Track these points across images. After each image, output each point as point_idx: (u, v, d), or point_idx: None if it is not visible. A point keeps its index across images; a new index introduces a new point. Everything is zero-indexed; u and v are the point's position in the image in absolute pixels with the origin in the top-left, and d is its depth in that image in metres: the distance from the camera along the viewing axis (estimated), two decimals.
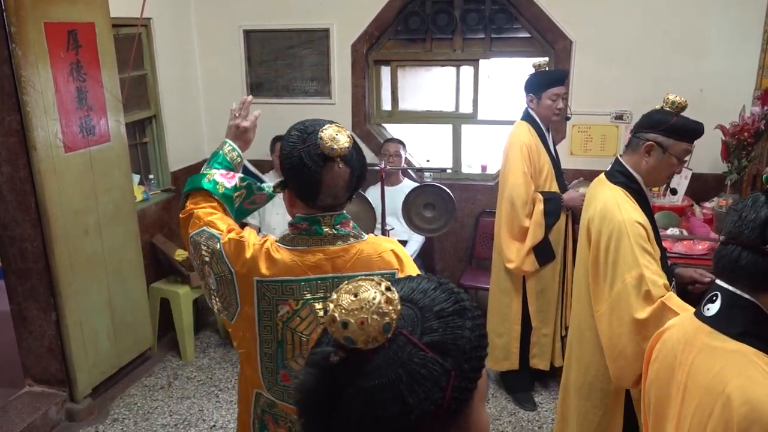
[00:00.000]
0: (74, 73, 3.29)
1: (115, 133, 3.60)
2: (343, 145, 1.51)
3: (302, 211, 1.64)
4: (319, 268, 1.61)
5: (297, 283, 1.60)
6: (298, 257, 1.61)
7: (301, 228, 1.65)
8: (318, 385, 0.74)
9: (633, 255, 2.04)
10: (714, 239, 3.31)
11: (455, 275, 4.44)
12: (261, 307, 1.61)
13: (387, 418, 0.69)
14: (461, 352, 0.73)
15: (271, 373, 1.66)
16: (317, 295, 1.61)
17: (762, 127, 3.49)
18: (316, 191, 1.57)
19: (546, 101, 3.32)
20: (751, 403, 1.13)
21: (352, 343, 0.70)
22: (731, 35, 3.78)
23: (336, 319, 0.71)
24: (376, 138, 4.53)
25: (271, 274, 1.59)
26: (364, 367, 0.71)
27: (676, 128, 2.18)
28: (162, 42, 4.26)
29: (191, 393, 3.78)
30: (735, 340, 1.24)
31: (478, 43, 4.34)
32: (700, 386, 1.25)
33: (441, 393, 0.70)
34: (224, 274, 1.63)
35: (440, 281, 0.80)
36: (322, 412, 0.74)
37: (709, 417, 1.20)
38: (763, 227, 1.22)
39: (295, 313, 1.61)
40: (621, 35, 3.95)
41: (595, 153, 4.12)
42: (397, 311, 0.71)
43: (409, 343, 0.72)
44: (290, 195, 1.65)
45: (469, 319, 0.75)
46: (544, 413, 3.52)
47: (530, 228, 3.30)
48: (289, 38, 4.56)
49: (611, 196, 2.20)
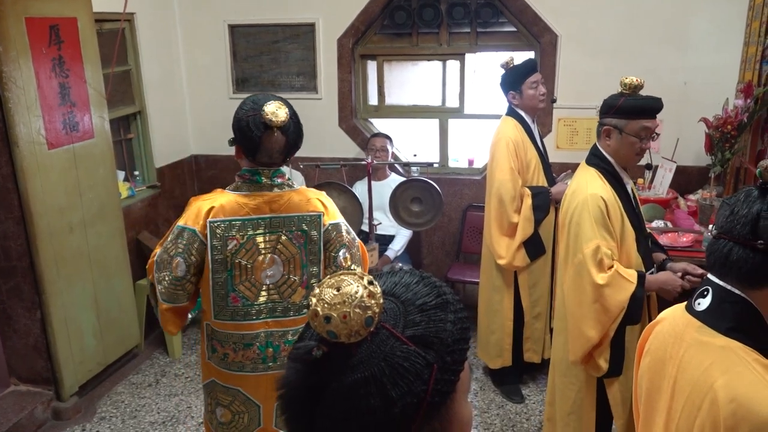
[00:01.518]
0: (57, 68, 3.25)
1: (99, 130, 3.57)
2: (281, 118, 1.97)
3: (246, 164, 2.08)
4: (259, 210, 2.03)
5: (242, 221, 2.02)
6: (243, 201, 2.03)
7: (245, 178, 2.08)
8: (301, 379, 0.74)
9: (592, 228, 2.23)
10: (698, 231, 3.34)
11: (443, 269, 4.45)
12: (213, 243, 2.00)
13: (370, 411, 0.69)
14: (444, 345, 0.73)
15: (222, 298, 2.05)
16: (258, 231, 2.04)
17: (745, 120, 3.52)
18: (255, 150, 2.01)
19: (528, 92, 3.33)
20: (737, 401, 1.14)
21: (335, 337, 0.71)
22: (715, 29, 3.81)
23: (318, 313, 0.71)
24: (363, 133, 4.52)
25: (221, 215, 2.00)
26: (347, 361, 0.71)
27: (626, 109, 2.30)
28: (146, 37, 4.22)
29: (179, 390, 3.77)
30: (724, 336, 1.24)
31: (464, 38, 4.34)
32: (689, 381, 1.26)
33: (424, 386, 0.70)
34: (194, 244, 2.00)
35: (423, 275, 0.80)
36: (305, 407, 0.74)
37: (698, 412, 1.21)
38: (754, 222, 1.22)
39: (241, 246, 2.02)
40: (606, 29, 3.97)
41: (582, 146, 4.14)
42: (379, 305, 0.72)
43: (391, 337, 0.72)
44: (238, 150, 2.08)
45: (451, 312, 0.76)
46: (532, 405, 3.54)
47: (519, 223, 3.31)
48: (274, 33, 4.54)
49: (584, 176, 2.37)
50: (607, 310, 2.25)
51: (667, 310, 1.48)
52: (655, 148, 3.85)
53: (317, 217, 2.09)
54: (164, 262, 2.04)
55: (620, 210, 2.29)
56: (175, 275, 2.02)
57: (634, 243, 2.32)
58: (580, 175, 2.42)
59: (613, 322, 2.27)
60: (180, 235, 2.02)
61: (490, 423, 3.41)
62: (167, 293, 2.05)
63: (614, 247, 2.26)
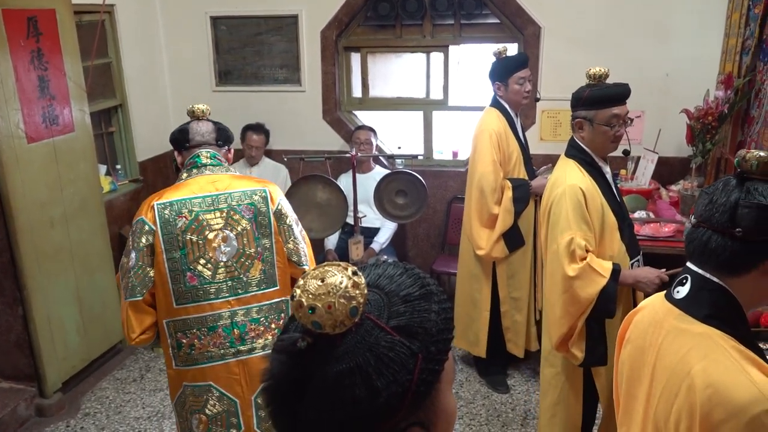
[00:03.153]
0: (35, 61, 3.20)
1: (80, 123, 3.52)
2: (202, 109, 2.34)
3: (183, 156, 2.26)
4: (203, 189, 2.13)
5: (188, 200, 2.11)
6: (187, 183, 2.15)
7: (187, 167, 2.21)
8: (286, 371, 0.73)
9: (567, 219, 2.25)
10: (680, 221, 3.38)
11: (428, 261, 4.46)
12: (161, 224, 2.07)
13: (356, 401, 0.69)
14: (428, 334, 0.73)
15: (178, 279, 2.08)
16: (204, 208, 2.11)
17: (725, 111, 3.55)
18: (187, 134, 2.26)
19: (514, 86, 3.34)
20: (714, 386, 1.15)
21: (320, 327, 0.70)
22: (695, 21, 3.84)
23: (303, 304, 0.71)
24: (347, 125, 4.51)
25: (165, 198, 2.10)
26: (332, 351, 0.71)
27: (592, 99, 2.33)
28: (126, 29, 4.17)
29: (164, 385, 3.75)
30: (702, 323, 1.25)
31: (448, 29, 4.33)
32: (667, 367, 1.27)
33: (409, 375, 0.71)
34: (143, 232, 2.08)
35: (406, 267, 0.81)
36: (289, 399, 0.74)
37: (675, 398, 1.22)
38: (732, 211, 1.23)
39: (190, 222, 2.09)
40: (589, 21, 3.98)
41: (565, 138, 4.09)
42: (363, 295, 0.72)
43: (376, 328, 0.72)
44: (178, 155, 2.29)
45: (435, 303, 0.76)
46: (517, 395, 3.57)
47: (499, 215, 3.33)
48: (257, 25, 4.50)
49: (563, 168, 2.39)
50: (576, 301, 2.27)
51: (647, 299, 1.49)
52: (637, 139, 3.89)
53: (264, 191, 2.18)
54: (123, 265, 2.12)
55: (600, 199, 2.30)
56: (128, 266, 2.08)
57: (616, 231, 2.34)
58: (560, 167, 2.45)
59: (582, 315, 2.28)
60: (133, 232, 2.10)
61: (476, 413, 3.43)
62: (125, 288, 2.09)
63: (591, 238, 2.27)
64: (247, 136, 4.39)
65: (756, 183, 1.24)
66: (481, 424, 3.34)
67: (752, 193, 1.22)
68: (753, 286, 1.26)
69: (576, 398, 2.52)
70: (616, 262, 2.31)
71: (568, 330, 2.32)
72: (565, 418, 2.56)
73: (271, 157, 4.54)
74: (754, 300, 1.30)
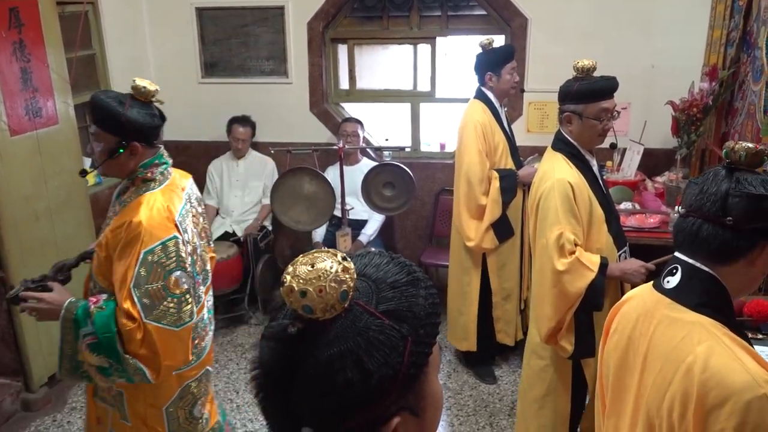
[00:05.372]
0: (17, 52, 3.16)
1: (64, 116, 3.49)
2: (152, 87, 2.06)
3: (148, 154, 1.98)
4: (179, 193, 2.02)
5: (183, 207, 1.99)
6: (172, 188, 1.99)
7: (153, 168, 1.97)
8: (276, 358, 0.74)
9: (556, 214, 2.26)
10: (665, 212, 3.41)
11: (416, 253, 4.47)
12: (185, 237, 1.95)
13: (348, 384, 0.70)
14: (416, 318, 0.75)
15: (196, 288, 1.99)
16: (188, 212, 2.03)
17: (710, 103, 3.58)
18: (158, 130, 2.01)
19: (506, 76, 3.36)
20: (708, 372, 1.18)
21: (311, 311, 0.71)
22: (680, 13, 3.86)
23: (294, 288, 0.71)
24: (334, 117, 4.50)
25: (175, 211, 1.94)
26: (323, 336, 0.72)
27: (581, 93, 2.32)
28: (110, 20, 4.12)
29: None
30: (694, 312, 1.27)
31: (435, 21, 4.33)
32: (660, 356, 1.29)
33: (399, 358, 0.72)
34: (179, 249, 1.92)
35: (392, 256, 0.82)
36: (281, 386, 0.74)
37: (669, 385, 1.24)
38: (723, 200, 1.25)
39: (190, 231, 2.00)
40: (575, 12, 3.99)
41: (552, 130, 4.12)
42: (353, 279, 0.73)
43: (365, 313, 0.73)
44: (134, 148, 1.93)
45: (422, 288, 0.78)
46: (505, 386, 3.60)
47: (488, 205, 3.34)
48: (242, 16, 4.46)
49: (551, 161, 2.39)
50: (565, 295, 2.28)
51: (634, 290, 1.51)
52: (623, 131, 3.92)
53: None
54: (156, 295, 1.83)
55: (588, 193, 2.32)
56: (184, 289, 1.88)
57: (604, 224, 2.35)
58: (547, 160, 2.45)
59: (571, 308, 2.30)
60: (168, 254, 1.86)
61: (464, 404, 3.45)
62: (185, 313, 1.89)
63: (580, 231, 2.29)
64: (234, 129, 4.36)
65: (744, 173, 1.28)
66: (469, 414, 3.37)
67: (742, 183, 1.25)
68: (741, 275, 1.29)
69: (565, 389, 2.54)
70: (604, 254, 2.33)
71: (556, 323, 2.34)
72: (554, 409, 2.57)
73: (257, 150, 4.52)
74: (742, 288, 1.33)
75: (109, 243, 1.90)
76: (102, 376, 1.90)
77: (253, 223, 4.37)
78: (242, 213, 4.43)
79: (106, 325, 1.84)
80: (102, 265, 1.94)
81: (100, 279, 1.98)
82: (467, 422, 3.31)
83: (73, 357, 1.93)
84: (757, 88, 3.25)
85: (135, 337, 1.82)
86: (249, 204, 4.45)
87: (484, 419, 3.33)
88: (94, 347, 1.85)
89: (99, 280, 1.98)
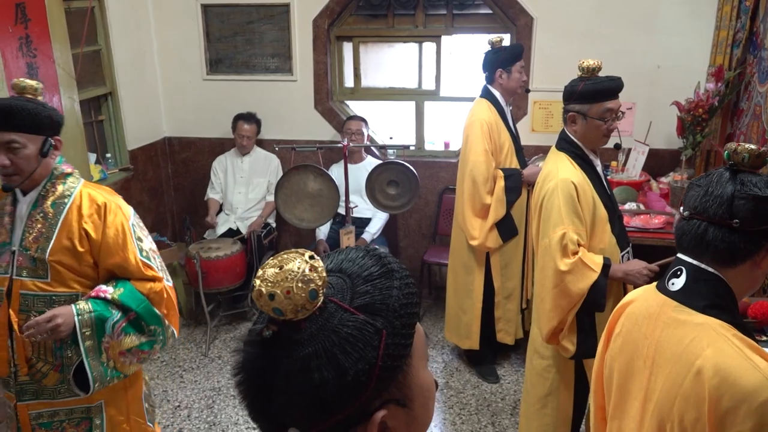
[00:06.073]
0: (24, 48, 3.17)
1: (69, 111, 3.49)
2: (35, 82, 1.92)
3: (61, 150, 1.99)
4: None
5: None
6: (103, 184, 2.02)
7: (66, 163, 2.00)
8: (255, 362, 0.75)
9: (560, 214, 2.25)
10: (670, 213, 3.40)
11: (419, 252, 4.47)
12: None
13: (323, 382, 0.70)
14: (391, 310, 0.74)
15: None
16: None
17: (716, 104, 3.57)
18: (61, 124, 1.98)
19: (515, 74, 3.37)
20: (721, 374, 1.17)
21: (281, 314, 0.71)
22: (686, 13, 3.85)
23: (262, 292, 0.71)
24: (339, 115, 4.50)
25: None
26: (296, 336, 0.72)
27: (586, 93, 2.31)
28: (116, 16, 4.12)
29: (155, 374, 3.75)
30: (701, 314, 1.27)
31: (440, 20, 4.32)
32: (669, 359, 1.28)
33: (375, 352, 0.72)
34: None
35: (368, 249, 0.82)
36: (262, 389, 0.75)
37: (679, 388, 1.24)
38: (729, 203, 1.25)
39: None
40: (580, 12, 3.98)
41: (556, 129, 4.15)
42: (322, 278, 0.73)
43: (339, 309, 0.74)
44: (57, 143, 1.95)
45: (396, 279, 0.77)
46: (507, 385, 3.60)
47: (492, 205, 3.34)
48: (248, 13, 4.47)
49: (555, 161, 2.38)
50: (567, 296, 2.28)
51: (636, 291, 1.50)
52: (628, 131, 3.91)
53: None
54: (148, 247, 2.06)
55: (592, 193, 2.31)
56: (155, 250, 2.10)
57: (607, 224, 2.35)
58: (551, 160, 2.44)
59: (572, 308, 2.29)
60: (137, 221, 2.06)
61: (466, 403, 3.45)
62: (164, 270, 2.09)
63: (583, 232, 2.28)
64: (238, 126, 4.36)
65: (748, 175, 1.28)
66: (471, 413, 3.37)
67: (747, 185, 1.25)
68: (746, 276, 1.29)
69: (567, 389, 2.53)
70: (607, 254, 2.32)
71: (558, 323, 2.33)
72: (556, 409, 2.57)
73: (262, 147, 4.53)
74: (745, 290, 1.33)
75: (78, 237, 1.93)
76: (139, 355, 1.99)
77: (257, 220, 4.37)
78: (246, 210, 4.44)
79: (137, 298, 1.95)
80: (67, 265, 1.94)
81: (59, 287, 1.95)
82: (469, 421, 3.31)
83: (98, 360, 1.95)
84: (763, 89, 3.24)
85: (163, 296, 2.01)
86: (253, 201, 4.45)
87: (486, 418, 3.33)
88: (133, 325, 1.96)
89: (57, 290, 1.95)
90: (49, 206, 1.94)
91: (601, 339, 1.57)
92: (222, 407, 3.44)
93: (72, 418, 2.08)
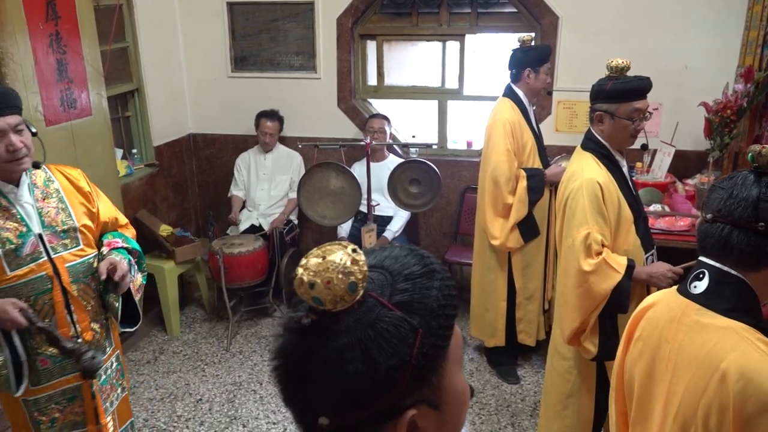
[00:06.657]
0: (54, 44, 3.22)
1: (97, 107, 3.55)
2: None
3: None
4: None
5: None
6: None
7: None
8: (291, 348, 0.76)
9: (584, 214, 2.23)
10: (695, 215, 3.35)
11: (440, 251, 4.47)
12: None
13: (356, 374, 0.71)
14: (428, 310, 0.75)
15: None
16: None
17: (744, 105, 3.51)
18: None
19: (542, 75, 3.34)
20: (746, 378, 1.16)
21: (320, 303, 0.72)
22: (715, 12, 3.79)
23: (304, 280, 0.72)
24: (362, 113, 4.51)
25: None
26: (334, 327, 0.73)
27: (615, 92, 2.28)
28: (143, 13, 4.18)
29: (177, 367, 3.80)
30: (724, 317, 1.26)
31: (465, 18, 4.31)
32: (691, 362, 1.27)
33: (409, 349, 0.72)
34: None
35: (411, 248, 0.83)
36: (297, 375, 0.76)
37: (703, 392, 1.22)
38: (755, 206, 1.24)
39: None
40: (606, 11, 3.94)
41: (581, 129, 4.12)
42: (363, 271, 0.73)
43: (378, 304, 0.74)
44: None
45: (437, 280, 0.78)
46: (527, 386, 3.58)
47: (514, 205, 3.32)
48: (273, 11, 4.50)
49: (579, 161, 2.36)
50: (590, 296, 2.25)
51: (656, 294, 1.48)
52: (654, 132, 3.86)
53: None
54: None
55: (617, 193, 2.29)
56: None
57: (632, 225, 2.32)
58: (576, 159, 2.42)
59: (595, 309, 2.27)
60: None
61: (486, 403, 3.45)
62: None
63: (607, 232, 2.26)
64: (261, 123, 4.40)
65: None
66: (491, 413, 3.36)
67: None
68: None
69: (589, 392, 2.51)
70: (631, 256, 2.30)
71: (580, 324, 2.31)
72: (577, 411, 2.54)
73: (285, 144, 4.55)
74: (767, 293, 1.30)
75: (87, 200, 2.19)
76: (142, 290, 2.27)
77: (279, 217, 4.40)
78: (269, 206, 4.47)
79: (134, 242, 2.30)
80: (89, 227, 2.17)
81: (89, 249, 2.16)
82: (489, 421, 3.30)
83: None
84: None
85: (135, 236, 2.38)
86: (275, 197, 4.48)
87: (506, 419, 3.32)
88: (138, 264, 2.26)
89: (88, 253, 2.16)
90: (43, 185, 2.07)
91: (620, 344, 1.56)
92: (243, 401, 3.47)
93: (119, 363, 2.33)
